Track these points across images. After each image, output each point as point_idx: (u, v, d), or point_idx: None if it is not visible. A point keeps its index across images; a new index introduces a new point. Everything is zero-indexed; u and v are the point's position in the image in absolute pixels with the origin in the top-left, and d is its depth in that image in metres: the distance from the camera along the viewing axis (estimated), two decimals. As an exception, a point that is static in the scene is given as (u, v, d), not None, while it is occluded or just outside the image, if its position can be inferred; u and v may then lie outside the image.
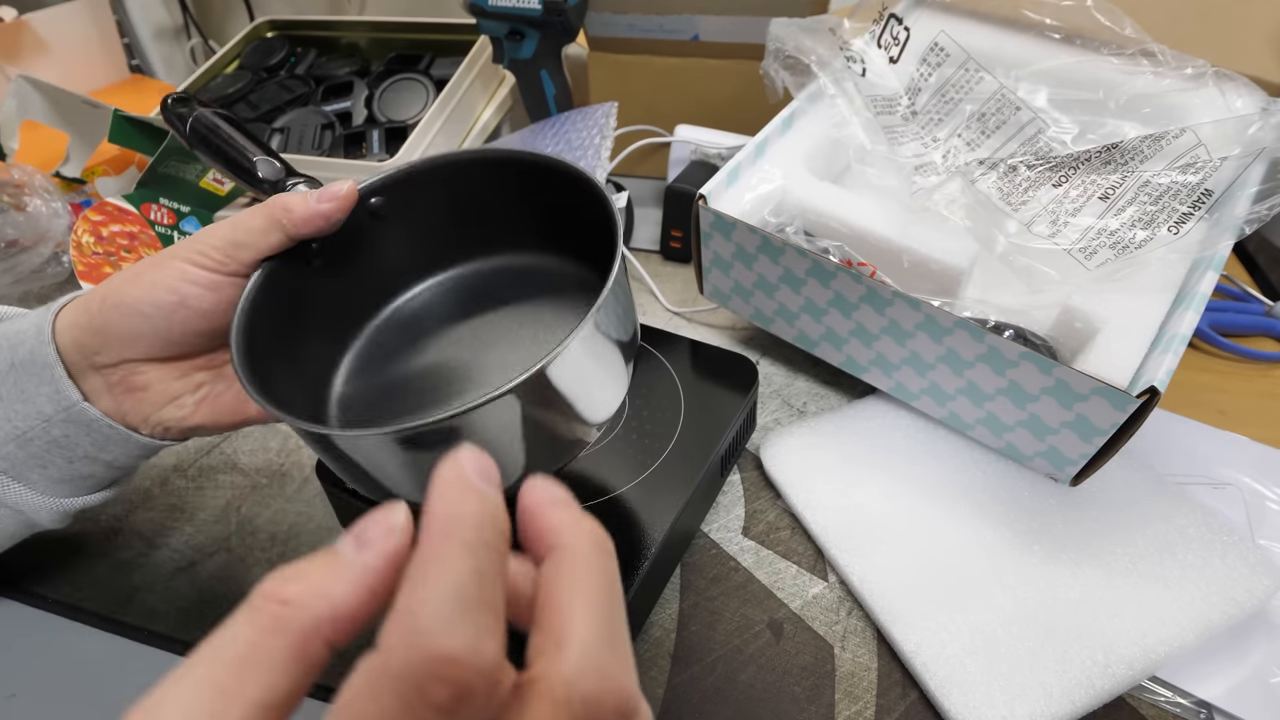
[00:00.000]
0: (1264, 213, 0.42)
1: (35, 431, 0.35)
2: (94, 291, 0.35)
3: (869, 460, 0.48)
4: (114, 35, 0.97)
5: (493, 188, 0.39)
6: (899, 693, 0.39)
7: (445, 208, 0.40)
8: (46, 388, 0.34)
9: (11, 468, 0.35)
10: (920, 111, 0.54)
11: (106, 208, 0.59)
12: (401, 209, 0.38)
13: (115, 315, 0.34)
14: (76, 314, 0.34)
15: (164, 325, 0.34)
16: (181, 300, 0.34)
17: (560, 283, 0.40)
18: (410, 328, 0.40)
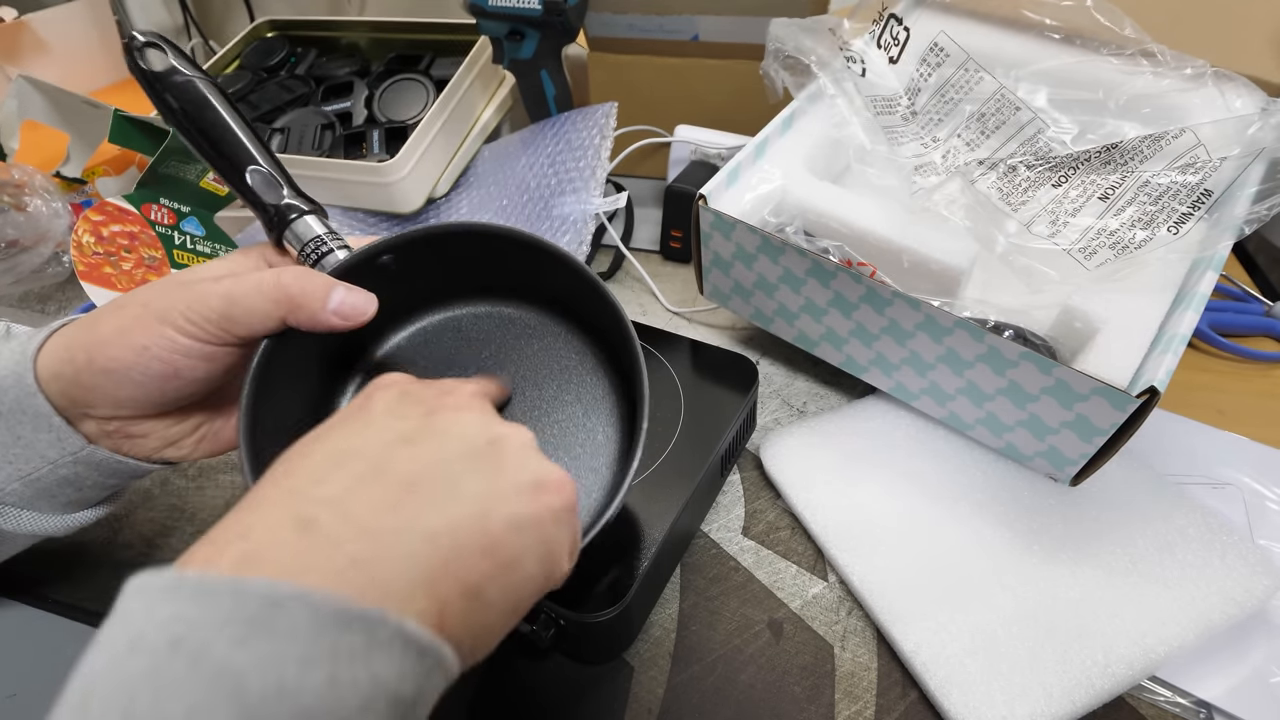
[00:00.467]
0: (1263, 213, 0.42)
1: (42, 473, 0.34)
2: (76, 339, 0.33)
3: (869, 460, 0.48)
4: (114, 35, 0.97)
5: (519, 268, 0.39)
6: (899, 693, 0.39)
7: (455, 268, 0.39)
8: (46, 435, 0.33)
9: (20, 501, 0.35)
10: (920, 112, 0.54)
11: (107, 208, 0.59)
12: (409, 266, 0.38)
13: (105, 380, 0.32)
14: (60, 365, 0.33)
15: (157, 392, 0.33)
16: (175, 371, 0.32)
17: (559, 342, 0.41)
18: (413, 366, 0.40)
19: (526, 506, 0.25)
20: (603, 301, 0.36)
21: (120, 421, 0.34)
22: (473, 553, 0.23)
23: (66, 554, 0.47)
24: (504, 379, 0.39)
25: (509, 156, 0.74)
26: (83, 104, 0.70)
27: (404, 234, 0.36)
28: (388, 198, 0.69)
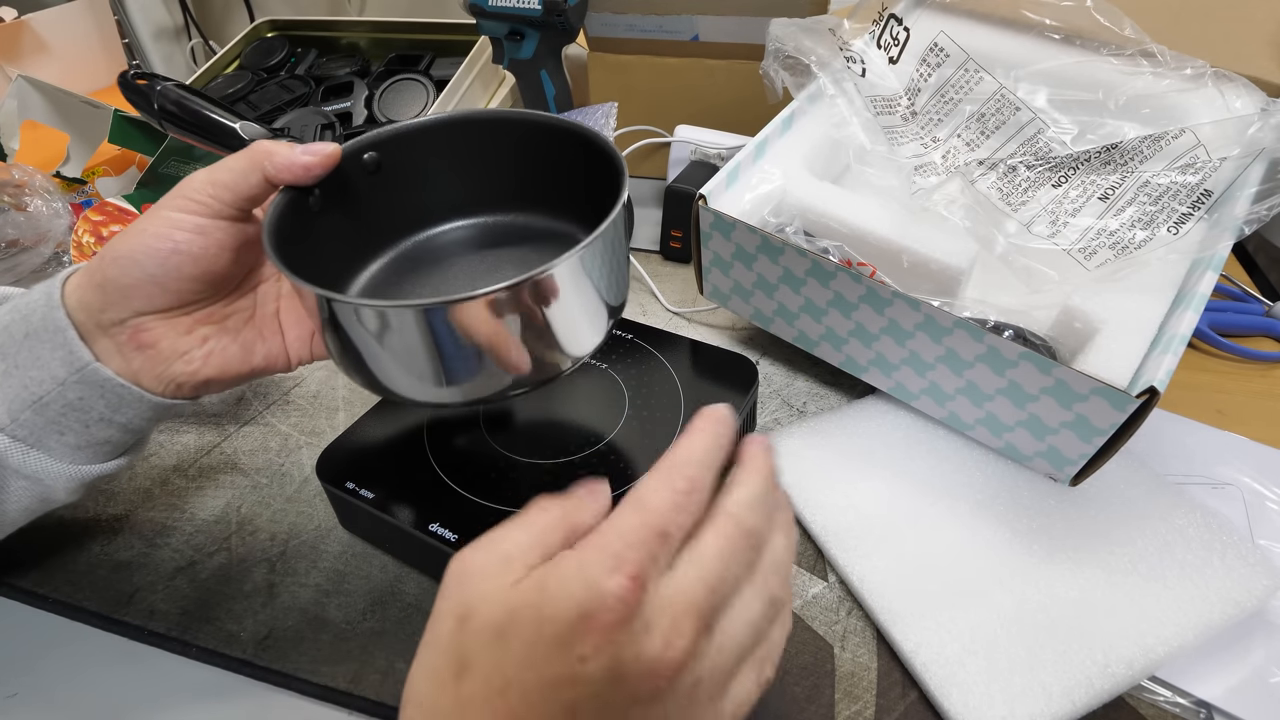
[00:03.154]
0: (1263, 213, 0.42)
1: (51, 396, 0.35)
2: (96, 255, 0.36)
3: (869, 460, 0.48)
4: (114, 35, 0.97)
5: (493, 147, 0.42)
6: (899, 693, 0.39)
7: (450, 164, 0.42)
8: (59, 351, 0.35)
9: (30, 435, 0.36)
10: (920, 112, 0.54)
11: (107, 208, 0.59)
12: (401, 163, 0.41)
13: (114, 269, 0.35)
14: (81, 276, 0.36)
15: (159, 272, 0.35)
16: (174, 246, 0.35)
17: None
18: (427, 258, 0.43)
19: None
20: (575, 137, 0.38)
21: (132, 325, 0.36)
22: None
23: (67, 554, 0.47)
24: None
25: (509, 156, 0.74)
26: (83, 104, 0.70)
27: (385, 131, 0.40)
28: (388, 198, 0.69)
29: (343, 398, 0.57)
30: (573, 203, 0.42)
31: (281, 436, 0.54)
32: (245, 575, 0.45)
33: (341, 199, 0.39)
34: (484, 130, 0.41)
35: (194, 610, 0.44)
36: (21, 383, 0.35)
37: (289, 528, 0.48)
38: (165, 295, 0.36)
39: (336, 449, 0.45)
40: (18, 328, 0.36)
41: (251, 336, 0.39)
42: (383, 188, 0.41)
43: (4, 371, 0.35)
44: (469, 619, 0.23)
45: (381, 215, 0.42)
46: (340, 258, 0.41)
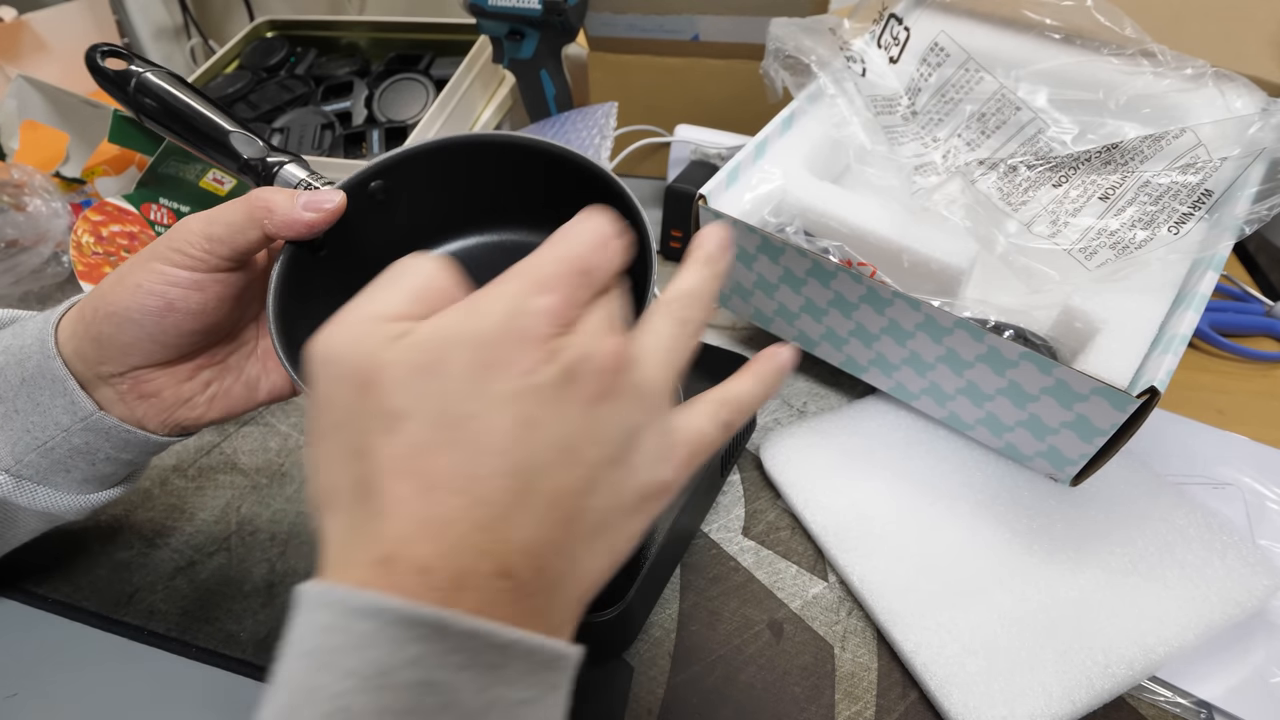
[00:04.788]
0: (1264, 213, 0.42)
1: (56, 441, 0.35)
2: (87, 299, 0.34)
3: (869, 460, 0.48)
4: (114, 35, 0.97)
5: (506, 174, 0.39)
6: (899, 693, 0.39)
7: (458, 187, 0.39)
8: (61, 399, 0.34)
9: (36, 474, 0.36)
10: (920, 111, 0.54)
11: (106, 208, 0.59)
12: (405, 190, 0.38)
13: (108, 326, 0.33)
14: (74, 324, 0.34)
15: (156, 330, 0.33)
16: (169, 304, 0.33)
17: None
18: None
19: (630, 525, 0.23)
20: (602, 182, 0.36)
21: (131, 379, 0.35)
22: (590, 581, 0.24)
23: (67, 554, 0.47)
24: None
25: (509, 156, 0.73)
26: (82, 104, 0.70)
27: (388, 156, 0.37)
28: (388, 198, 0.69)
29: (343, 398, 0.56)
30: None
31: (281, 436, 0.54)
32: (245, 575, 0.45)
33: (348, 240, 0.36)
34: (493, 154, 0.39)
35: (194, 610, 0.44)
36: (24, 426, 0.35)
37: (289, 528, 0.48)
38: (164, 350, 0.35)
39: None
40: (13, 372, 0.34)
41: (256, 372, 0.38)
42: (390, 216, 0.38)
43: (3, 414, 0.35)
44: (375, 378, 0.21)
45: (388, 244, 0.39)
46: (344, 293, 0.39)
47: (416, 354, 0.21)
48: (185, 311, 0.34)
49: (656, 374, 0.24)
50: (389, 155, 0.37)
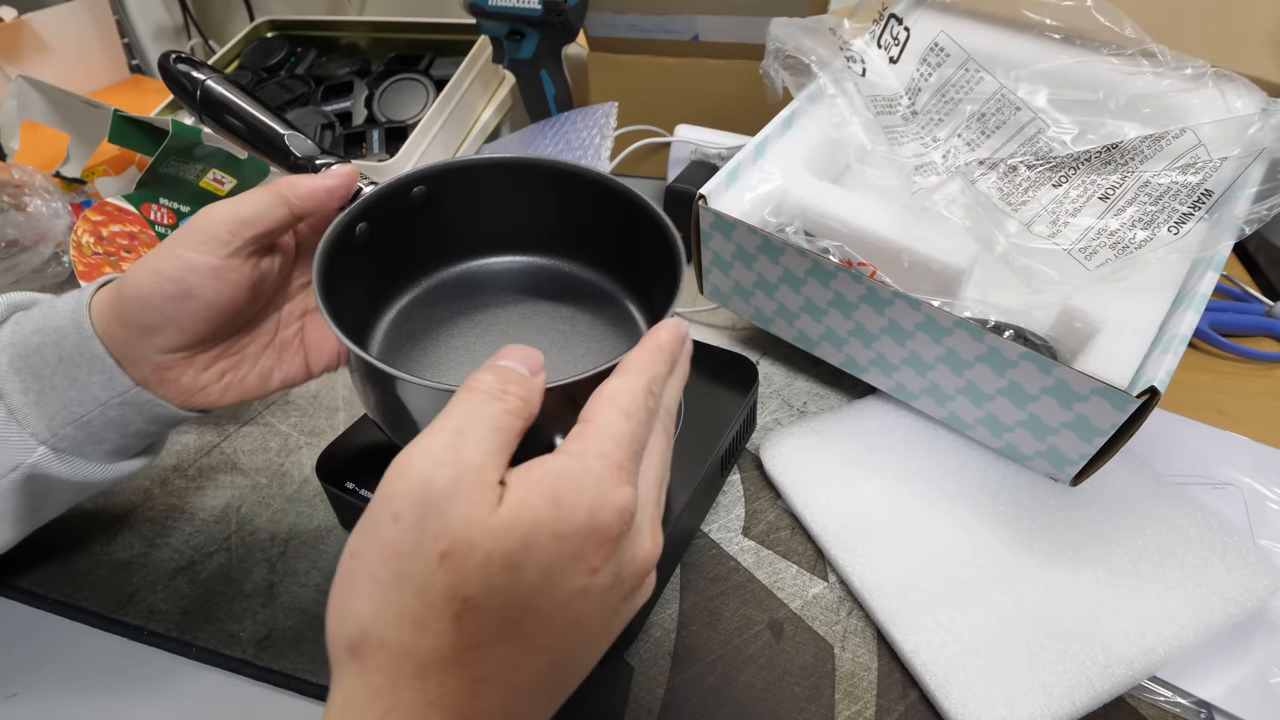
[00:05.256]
0: (1264, 213, 0.42)
1: (92, 415, 0.36)
2: (115, 282, 0.35)
3: (869, 460, 0.48)
4: (114, 35, 0.97)
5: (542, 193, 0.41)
6: (899, 693, 0.39)
7: (496, 203, 0.42)
8: (99, 376, 0.35)
9: (71, 446, 0.37)
10: (920, 111, 0.54)
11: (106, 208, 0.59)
12: (449, 199, 0.40)
13: (131, 309, 0.34)
14: (102, 305, 0.35)
15: (175, 316, 0.34)
16: (186, 291, 0.34)
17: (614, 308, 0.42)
18: (463, 292, 0.43)
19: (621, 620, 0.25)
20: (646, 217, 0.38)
21: (154, 364, 0.36)
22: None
23: (66, 554, 0.47)
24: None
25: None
26: (82, 104, 0.70)
27: (435, 165, 0.40)
28: (388, 198, 0.69)
29: (343, 398, 0.57)
30: (613, 257, 0.42)
31: (281, 436, 0.54)
32: (245, 575, 0.45)
33: (387, 231, 0.39)
34: (535, 176, 0.41)
35: (194, 610, 0.44)
36: (60, 402, 0.36)
37: (289, 528, 0.48)
38: (184, 336, 0.35)
39: (336, 449, 0.45)
40: (49, 352, 0.35)
41: (269, 363, 0.39)
42: (427, 221, 0.40)
43: (40, 391, 0.36)
44: (458, 553, 0.21)
45: (422, 247, 0.42)
46: (376, 285, 0.41)
47: (502, 540, 0.21)
48: (203, 299, 0.34)
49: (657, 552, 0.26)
50: (435, 164, 0.39)
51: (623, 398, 0.25)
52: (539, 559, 0.21)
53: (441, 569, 0.21)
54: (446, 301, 0.42)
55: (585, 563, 0.22)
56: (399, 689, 0.21)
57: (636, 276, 0.42)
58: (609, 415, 0.24)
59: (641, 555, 0.24)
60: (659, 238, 0.37)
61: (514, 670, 0.22)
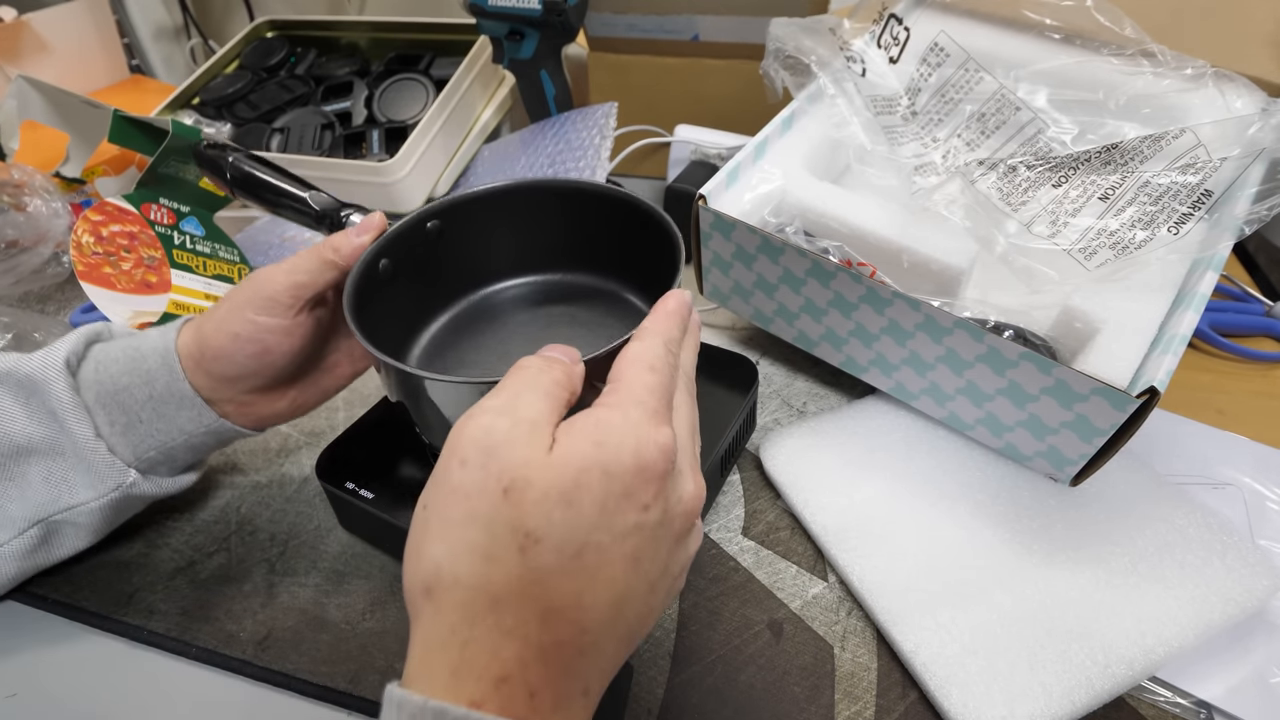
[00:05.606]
0: (1264, 213, 0.42)
1: (177, 443, 0.41)
2: (192, 338, 0.40)
3: (869, 460, 0.48)
4: (114, 35, 0.97)
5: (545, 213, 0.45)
6: (899, 693, 0.39)
7: (505, 228, 0.46)
8: (188, 413, 0.41)
9: (151, 467, 0.42)
10: (920, 111, 0.54)
11: (106, 208, 0.59)
12: (461, 229, 0.45)
13: (216, 365, 0.40)
14: (189, 349, 0.40)
15: (257, 369, 0.40)
16: (265, 349, 0.39)
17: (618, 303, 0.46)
18: (485, 314, 0.47)
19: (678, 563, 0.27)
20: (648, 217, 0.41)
21: (235, 402, 0.41)
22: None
23: (66, 554, 0.47)
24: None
25: (509, 156, 0.74)
26: (82, 104, 0.70)
27: (444, 200, 0.44)
28: (387, 197, 0.69)
29: (343, 398, 0.57)
30: (614, 258, 0.46)
31: (281, 436, 0.54)
32: (245, 575, 0.45)
33: (408, 264, 0.43)
34: (537, 197, 0.45)
35: (194, 610, 0.44)
36: (147, 433, 0.41)
37: (289, 528, 0.48)
38: (262, 380, 0.41)
39: (336, 449, 0.45)
40: (139, 390, 0.40)
41: (328, 382, 0.44)
42: (444, 252, 0.45)
43: (126, 423, 0.40)
44: (519, 488, 0.23)
45: (443, 276, 0.46)
46: (406, 315, 0.45)
47: (556, 477, 0.23)
48: (279, 352, 0.40)
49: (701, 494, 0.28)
50: (444, 199, 0.44)
51: (646, 355, 0.27)
52: (593, 495, 0.23)
53: (505, 503, 0.23)
54: (470, 321, 0.47)
55: (636, 499, 0.24)
56: (474, 622, 0.22)
57: (636, 271, 0.45)
58: (636, 370, 0.27)
59: (687, 495, 0.26)
60: (655, 229, 0.40)
61: (579, 603, 0.23)
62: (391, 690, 0.22)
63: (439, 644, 0.23)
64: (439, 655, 0.22)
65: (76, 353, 0.41)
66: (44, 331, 0.55)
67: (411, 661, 0.23)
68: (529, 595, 0.22)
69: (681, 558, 0.27)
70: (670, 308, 0.30)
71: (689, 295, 0.31)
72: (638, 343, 0.28)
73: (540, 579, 0.23)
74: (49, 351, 0.40)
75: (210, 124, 0.78)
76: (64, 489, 0.41)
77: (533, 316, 0.46)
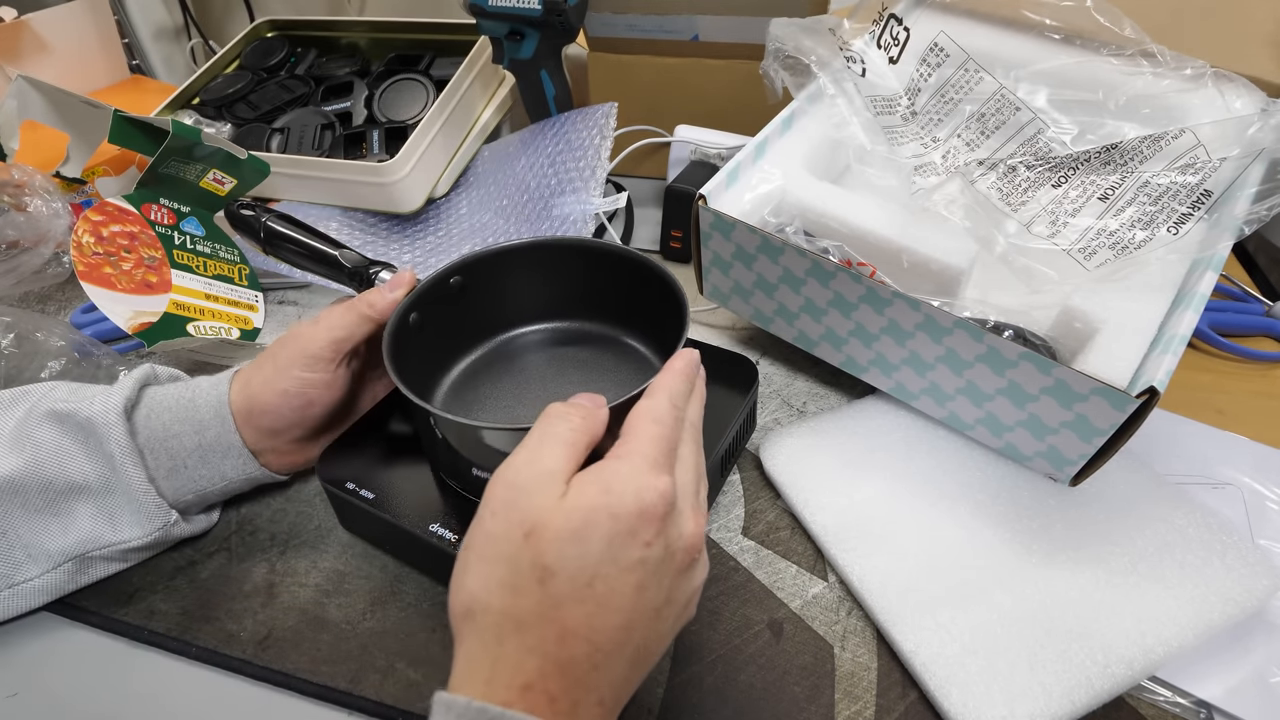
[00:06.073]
0: (1263, 213, 0.42)
1: (216, 489, 0.45)
2: (241, 392, 0.44)
3: (869, 460, 0.48)
4: (114, 35, 0.97)
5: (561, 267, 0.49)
6: (899, 693, 0.39)
7: (523, 281, 0.49)
8: (233, 461, 0.44)
9: (188, 509, 0.45)
10: (920, 112, 0.54)
11: (107, 208, 0.59)
12: (482, 282, 0.48)
13: (265, 420, 0.44)
14: (236, 411, 0.44)
15: (301, 420, 0.45)
16: (310, 402, 0.44)
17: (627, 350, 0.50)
18: (504, 359, 0.50)
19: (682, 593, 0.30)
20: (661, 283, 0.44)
21: (278, 453, 0.46)
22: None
23: (66, 554, 0.47)
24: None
25: (509, 156, 0.74)
26: (83, 104, 0.70)
27: (466, 256, 0.48)
28: (388, 198, 0.69)
29: (343, 398, 0.57)
30: (621, 308, 0.49)
31: (281, 436, 0.54)
32: (245, 575, 0.45)
33: (434, 316, 0.46)
34: (553, 253, 0.49)
35: (194, 610, 0.44)
36: (190, 478, 0.44)
37: (289, 528, 0.48)
38: (305, 431, 0.46)
39: (336, 449, 0.46)
40: (189, 439, 0.43)
41: (351, 424, 0.48)
42: (466, 303, 0.48)
43: (171, 468, 0.43)
44: (538, 532, 0.27)
45: (465, 326, 0.50)
46: (432, 361, 0.48)
47: (569, 520, 0.27)
48: (322, 404, 0.45)
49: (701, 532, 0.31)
50: (465, 256, 0.48)
51: (652, 411, 0.31)
52: (600, 533, 0.27)
53: (526, 545, 0.27)
54: (488, 364, 0.50)
55: (639, 537, 0.27)
56: (503, 641, 0.27)
57: (641, 320, 0.49)
58: (643, 424, 0.30)
59: (688, 533, 0.29)
60: (660, 285, 0.44)
61: (592, 626, 0.27)
62: (440, 695, 0.26)
63: (476, 658, 0.27)
64: (476, 667, 0.27)
65: (131, 397, 0.43)
66: (45, 331, 0.55)
67: (455, 673, 0.27)
68: (548, 619, 0.26)
69: (686, 588, 0.30)
70: (677, 367, 0.33)
71: (697, 355, 0.35)
72: (647, 399, 0.32)
73: (557, 604, 0.27)
74: (108, 395, 0.43)
75: (210, 124, 0.78)
76: (108, 527, 0.43)
77: (547, 360, 0.50)
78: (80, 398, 0.43)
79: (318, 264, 0.51)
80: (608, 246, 0.48)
